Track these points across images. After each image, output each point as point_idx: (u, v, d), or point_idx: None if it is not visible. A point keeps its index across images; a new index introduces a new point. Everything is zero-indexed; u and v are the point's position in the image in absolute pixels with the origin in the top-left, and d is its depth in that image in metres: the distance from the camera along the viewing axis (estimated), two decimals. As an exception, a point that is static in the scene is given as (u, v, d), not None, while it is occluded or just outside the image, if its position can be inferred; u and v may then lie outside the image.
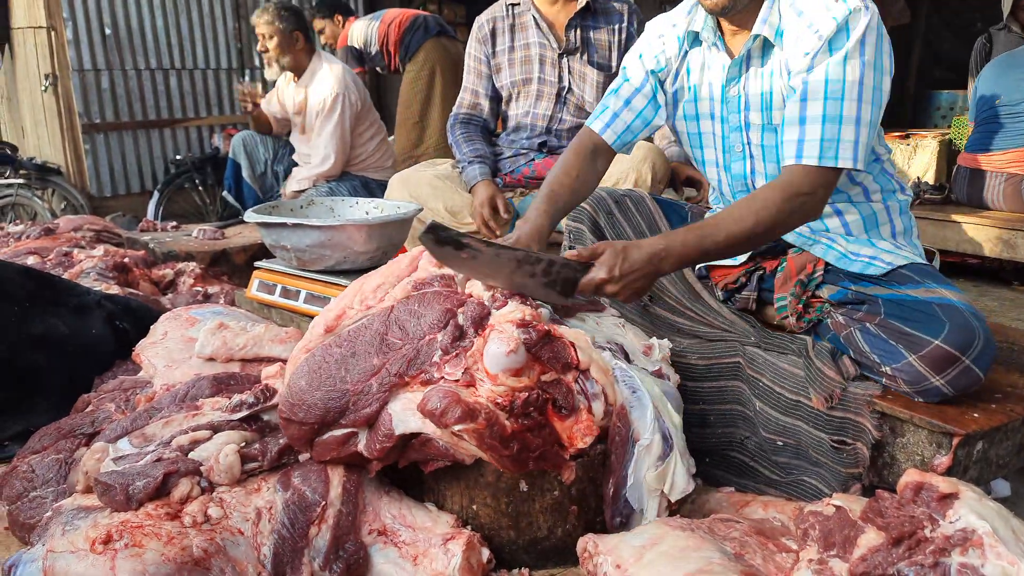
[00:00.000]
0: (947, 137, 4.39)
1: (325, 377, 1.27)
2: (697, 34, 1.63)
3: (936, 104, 6.24)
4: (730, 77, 1.59)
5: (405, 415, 1.24)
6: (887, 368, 1.41)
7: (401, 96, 4.17)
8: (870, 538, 0.95)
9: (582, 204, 1.84)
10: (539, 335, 1.21)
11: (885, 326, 1.43)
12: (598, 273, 1.36)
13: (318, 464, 1.34)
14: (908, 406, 1.37)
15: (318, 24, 4.74)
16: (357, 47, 4.47)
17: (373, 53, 4.46)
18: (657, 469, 1.22)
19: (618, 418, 1.22)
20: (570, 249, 1.50)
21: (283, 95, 3.91)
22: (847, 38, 1.41)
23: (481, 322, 1.27)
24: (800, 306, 1.59)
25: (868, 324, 1.46)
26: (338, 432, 1.27)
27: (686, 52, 1.67)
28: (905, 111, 6.69)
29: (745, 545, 1.12)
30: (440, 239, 1.24)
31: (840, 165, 1.42)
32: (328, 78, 3.69)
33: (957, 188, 3.55)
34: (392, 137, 4.37)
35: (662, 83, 1.74)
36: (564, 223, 1.90)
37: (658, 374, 1.36)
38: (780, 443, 1.51)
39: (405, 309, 1.31)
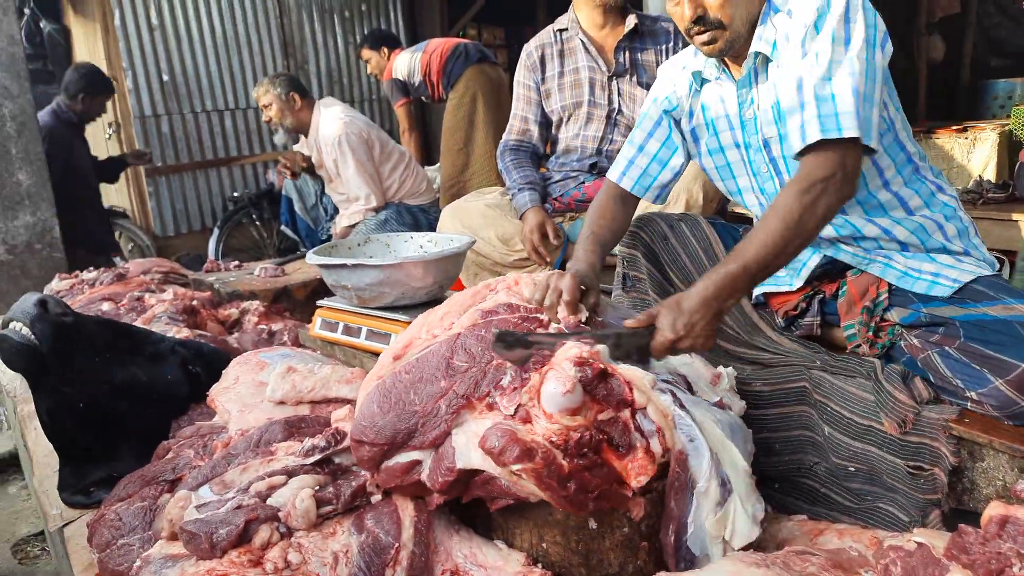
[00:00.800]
0: (1007, 128, 4.24)
1: (395, 400, 1.31)
2: (702, 74, 1.67)
3: (993, 93, 6.03)
4: (741, 101, 1.61)
5: (467, 450, 1.25)
6: (972, 393, 1.37)
7: (445, 124, 4.25)
8: (956, 578, 0.93)
9: (635, 230, 1.86)
10: (595, 373, 1.22)
11: (966, 350, 1.39)
12: (664, 336, 1.37)
13: (390, 506, 1.37)
14: (987, 430, 1.33)
15: (365, 54, 4.88)
16: (401, 79, 4.58)
17: (417, 83, 4.56)
18: (716, 516, 1.21)
19: (677, 464, 1.22)
20: (633, 313, 1.51)
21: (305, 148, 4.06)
22: (830, 17, 1.42)
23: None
24: (870, 333, 1.56)
25: (947, 348, 1.42)
26: (403, 459, 1.30)
27: (697, 91, 1.70)
28: (960, 102, 6.49)
29: (823, 581, 1.10)
30: (509, 344, 1.28)
31: (846, 135, 1.37)
32: (327, 125, 3.81)
33: (1020, 185, 3.42)
34: (437, 165, 4.45)
35: (678, 122, 1.77)
36: (617, 249, 1.91)
37: (720, 405, 1.34)
38: (852, 469, 1.48)
39: (472, 334, 1.34)
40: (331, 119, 3.79)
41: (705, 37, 1.52)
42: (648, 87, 2.60)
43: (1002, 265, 2.36)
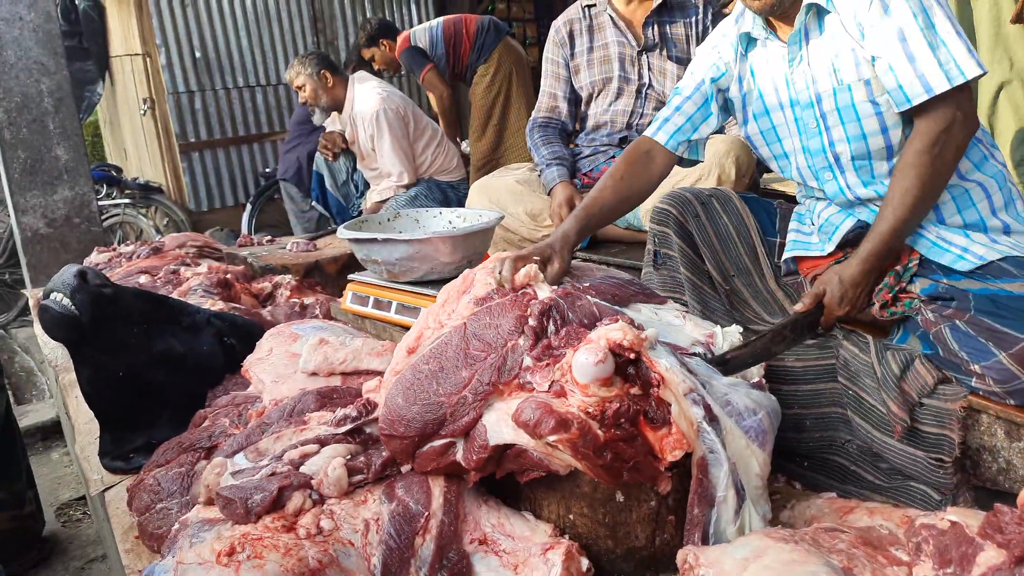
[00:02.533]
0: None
1: (419, 392, 1.32)
2: (750, 34, 1.65)
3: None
4: (791, 57, 1.59)
5: (499, 426, 1.27)
6: (976, 367, 1.36)
7: (478, 99, 4.21)
8: (990, 556, 0.91)
9: (666, 208, 1.84)
10: (626, 358, 1.22)
11: (975, 323, 1.39)
12: (836, 311, 1.51)
13: (419, 475, 1.39)
14: (1025, 409, 1.30)
15: (367, 53, 4.79)
16: (421, 46, 4.50)
17: (439, 55, 4.49)
18: (736, 524, 1.21)
19: (700, 471, 1.21)
20: (800, 301, 1.59)
21: (339, 124, 4.04)
22: None
23: (548, 314, 1.32)
24: (889, 295, 1.55)
25: (958, 321, 1.42)
26: (437, 443, 1.32)
27: (744, 55, 1.69)
28: None
29: (853, 558, 1.09)
30: (723, 366, 1.35)
31: (969, 76, 1.42)
32: (363, 100, 3.77)
33: None
34: (467, 141, 4.43)
35: (724, 91, 1.76)
36: (649, 226, 1.89)
37: (758, 386, 1.33)
38: (875, 450, 1.47)
39: (478, 323, 1.35)
40: (367, 94, 3.78)
41: None
42: (679, 61, 2.57)
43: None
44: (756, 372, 1.43)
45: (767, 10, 1.55)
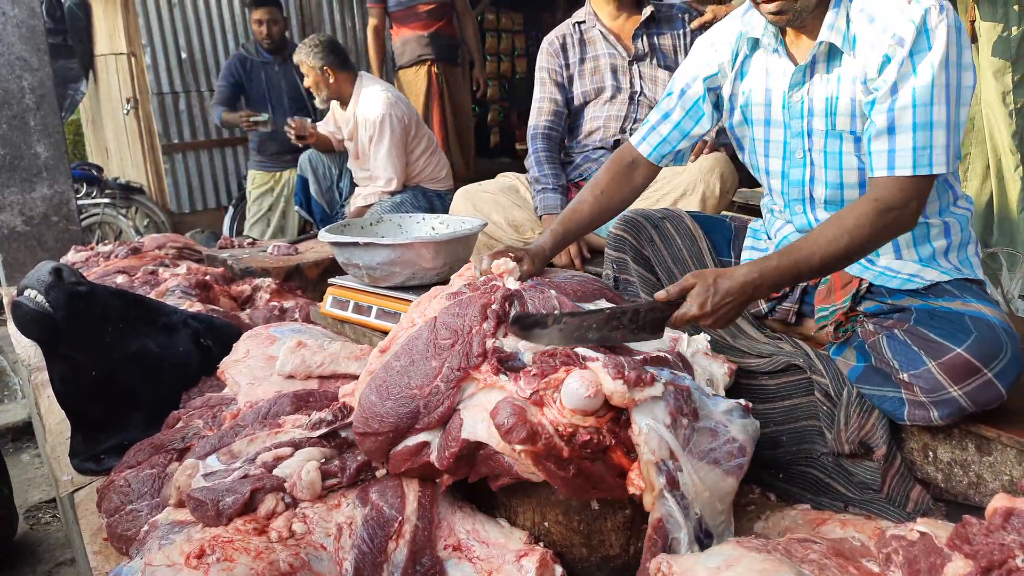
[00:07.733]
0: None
1: (391, 387, 1.32)
2: (757, 40, 1.61)
3: None
4: (794, 83, 1.56)
5: (474, 422, 1.27)
6: (904, 375, 1.38)
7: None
8: (957, 567, 0.92)
9: (621, 234, 1.84)
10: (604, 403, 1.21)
11: (912, 332, 1.40)
12: (690, 309, 1.37)
13: (394, 480, 1.38)
14: (995, 424, 1.32)
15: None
16: None
17: None
18: None
19: (655, 531, 1.20)
20: (657, 292, 1.50)
21: (338, 118, 4.02)
22: (927, 40, 1.37)
23: (511, 301, 1.36)
24: (843, 316, 1.57)
25: (896, 330, 1.43)
26: (411, 442, 1.31)
27: (746, 56, 1.65)
28: None
29: (824, 568, 1.10)
30: (526, 325, 1.31)
31: (935, 172, 1.38)
32: (372, 101, 3.75)
33: None
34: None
35: (714, 90, 1.72)
36: (607, 252, 1.90)
37: (744, 409, 1.33)
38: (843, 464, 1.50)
39: (446, 314, 1.37)
40: (375, 96, 3.75)
41: (772, 7, 1.45)
42: (669, 68, 2.64)
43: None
44: (724, 378, 1.43)
45: (783, 24, 1.49)
